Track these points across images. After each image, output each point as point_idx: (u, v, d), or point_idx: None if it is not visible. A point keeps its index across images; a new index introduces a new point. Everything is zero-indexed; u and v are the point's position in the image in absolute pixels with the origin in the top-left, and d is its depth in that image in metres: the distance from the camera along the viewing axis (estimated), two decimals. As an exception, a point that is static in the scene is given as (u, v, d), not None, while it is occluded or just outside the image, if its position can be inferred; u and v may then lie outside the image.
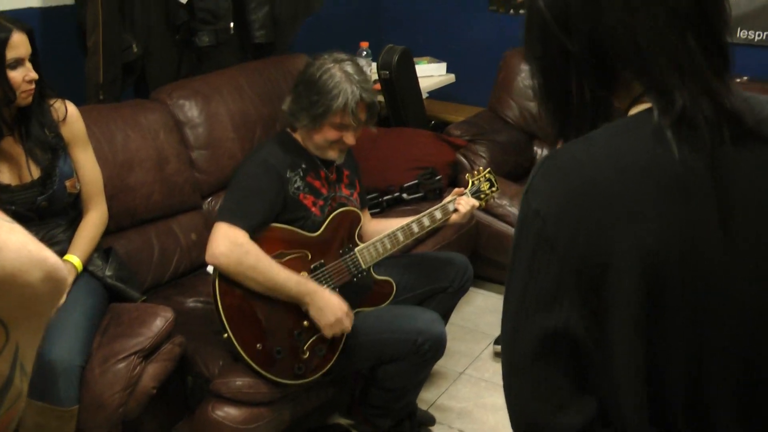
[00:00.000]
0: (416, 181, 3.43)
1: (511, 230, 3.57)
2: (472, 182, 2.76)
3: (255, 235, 2.31)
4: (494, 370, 3.22)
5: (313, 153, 2.51)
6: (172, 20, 3.10)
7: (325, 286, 2.42)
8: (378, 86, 3.75)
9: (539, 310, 0.93)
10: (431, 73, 4.12)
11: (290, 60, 3.46)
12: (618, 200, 0.90)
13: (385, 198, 3.37)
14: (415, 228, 2.59)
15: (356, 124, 2.44)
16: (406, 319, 2.50)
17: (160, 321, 2.22)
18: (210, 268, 2.87)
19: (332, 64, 2.45)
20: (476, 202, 2.69)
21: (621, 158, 0.92)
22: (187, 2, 3.09)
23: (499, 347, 3.26)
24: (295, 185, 2.43)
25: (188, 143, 2.93)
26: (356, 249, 2.52)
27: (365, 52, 3.86)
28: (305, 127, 2.46)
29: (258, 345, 2.30)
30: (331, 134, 2.44)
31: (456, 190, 2.71)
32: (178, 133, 2.90)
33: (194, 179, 2.93)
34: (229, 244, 2.23)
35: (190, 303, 2.68)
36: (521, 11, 4.46)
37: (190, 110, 2.95)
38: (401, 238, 2.57)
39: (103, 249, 2.43)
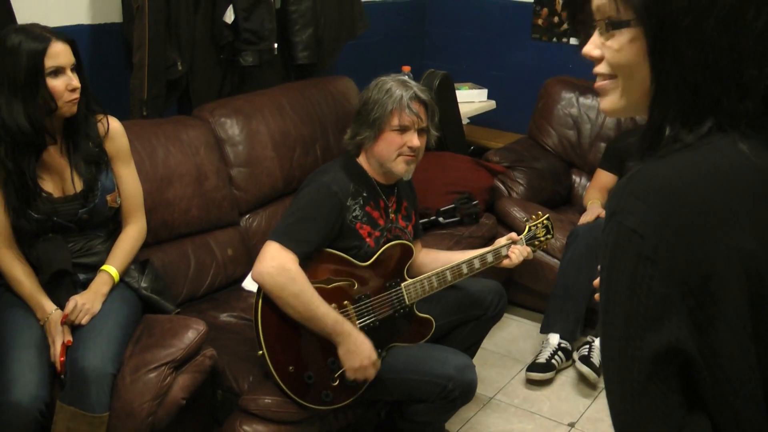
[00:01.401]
0: (453, 205, 3.44)
1: (546, 258, 3.55)
2: (529, 228, 2.74)
3: (305, 259, 2.32)
4: (524, 397, 3.20)
5: (380, 175, 2.51)
6: (216, 40, 3.16)
7: (366, 318, 2.42)
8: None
9: (648, 328, 0.91)
10: (472, 99, 4.14)
11: (332, 82, 3.51)
12: (712, 209, 0.91)
13: (421, 221, 3.37)
14: (465, 269, 2.57)
15: (416, 121, 2.43)
16: (437, 362, 2.47)
17: (192, 333, 2.24)
18: (246, 284, 2.92)
19: (387, 79, 2.50)
20: (529, 251, 2.66)
21: (704, 170, 0.93)
22: (233, 22, 3.15)
23: (531, 374, 3.24)
24: (354, 213, 2.43)
25: (228, 160, 2.98)
26: (403, 284, 2.50)
27: (407, 76, 3.89)
28: (368, 140, 2.46)
29: (290, 367, 2.31)
30: (394, 140, 2.43)
31: (511, 235, 2.68)
32: (218, 150, 2.95)
33: (232, 196, 2.97)
34: (278, 267, 2.24)
35: (224, 317, 2.71)
36: (564, 39, 4.47)
37: (231, 128, 3.00)
38: (449, 277, 2.55)
39: (140, 261, 2.47)
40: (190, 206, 2.78)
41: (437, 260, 2.66)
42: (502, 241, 2.65)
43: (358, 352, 2.32)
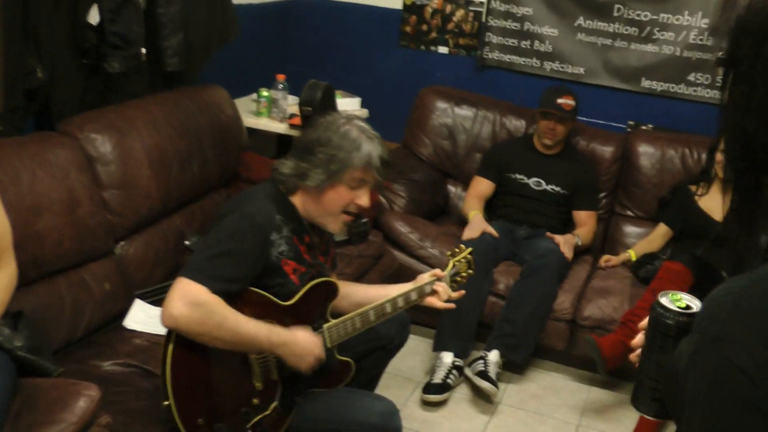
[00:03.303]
0: (341, 224, 3.26)
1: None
2: (453, 264, 2.58)
3: (224, 299, 2.03)
4: (423, 419, 3.09)
5: (309, 220, 2.27)
6: (79, 43, 2.79)
7: (287, 364, 2.19)
8: (297, 121, 3.55)
9: None
10: (345, 108, 3.96)
11: (205, 92, 3.22)
12: None
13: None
14: (389, 308, 2.37)
15: (377, 180, 2.24)
16: (361, 410, 2.28)
17: (84, 402, 1.89)
18: (128, 322, 2.59)
19: (344, 120, 2.25)
20: (450, 291, 2.49)
21: None
22: (98, 24, 2.79)
23: (429, 396, 3.14)
24: (279, 249, 2.16)
25: (100, 182, 2.62)
26: (325, 326, 2.27)
27: (281, 85, 3.66)
28: (316, 187, 2.19)
29: (199, 420, 2.04)
30: (345, 195, 2.20)
31: (435, 271, 2.49)
32: (89, 170, 2.58)
33: (107, 222, 2.62)
34: (189, 303, 1.95)
35: (109, 366, 2.36)
36: (432, 48, 4.40)
37: (103, 145, 2.64)
38: (373, 318, 2.33)
39: (11, 314, 2.05)
40: (62, 238, 2.40)
41: (353, 295, 2.46)
42: (425, 277, 2.48)
43: (306, 350, 2.14)
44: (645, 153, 3.86)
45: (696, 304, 1.19)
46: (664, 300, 1.20)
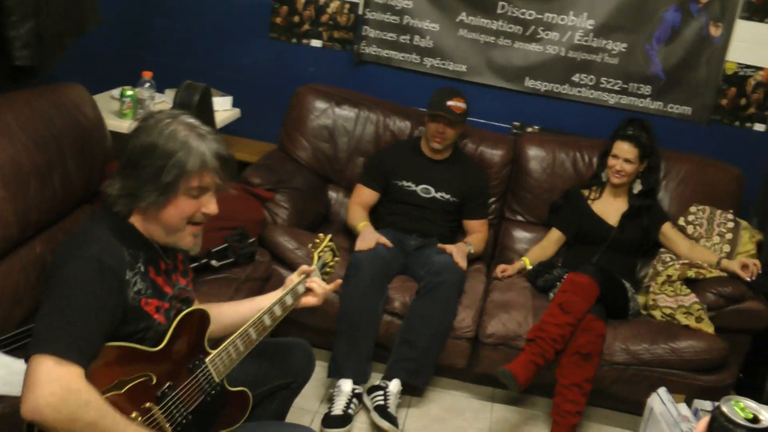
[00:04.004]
0: (225, 245, 2.88)
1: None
2: (318, 256, 2.32)
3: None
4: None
5: (155, 241, 1.89)
6: None
7: (177, 416, 1.82)
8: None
9: None
10: (217, 108, 3.56)
11: (62, 91, 2.71)
12: None
13: (192, 265, 2.76)
14: (268, 321, 2.08)
15: (218, 183, 1.88)
16: None
17: None
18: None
19: (169, 120, 1.86)
20: (324, 284, 2.26)
21: None
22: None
23: (328, 430, 2.85)
24: (136, 289, 1.78)
25: (-61, 209, 2.11)
26: (207, 360, 1.92)
27: (148, 83, 3.20)
28: (151, 206, 1.82)
29: None
30: (187, 206, 1.84)
31: (302, 268, 2.23)
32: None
33: (-50, 260, 2.11)
34: (61, 391, 1.53)
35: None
36: (304, 41, 4.07)
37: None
38: (254, 336, 2.03)
39: None
40: None
41: (223, 316, 2.12)
42: (294, 278, 2.21)
43: None
44: (535, 157, 3.74)
45: (765, 416, 1.00)
46: (727, 410, 0.99)
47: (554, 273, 3.39)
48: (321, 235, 2.39)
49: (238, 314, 2.12)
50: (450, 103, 3.41)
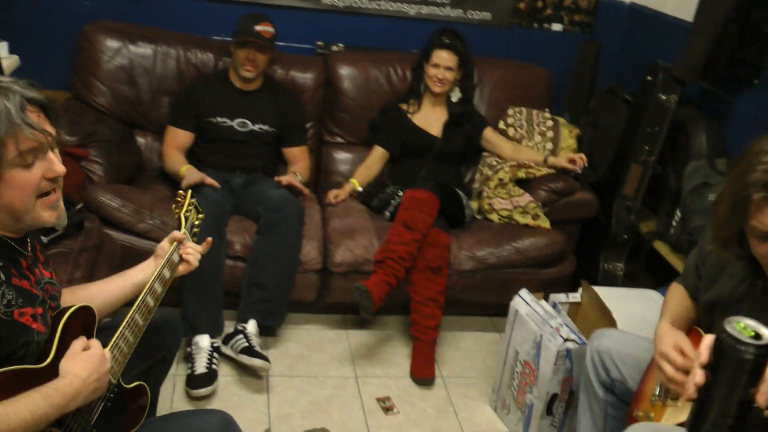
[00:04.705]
0: (49, 215, 2.54)
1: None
2: (185, 217, 2.11)
3: None
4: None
5: (9, 229, 1.60)
6: None
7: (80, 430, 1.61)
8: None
9: None
10: (-7, 58, 3.08)
11: None
12: None
13: (16, 246, 2.42)
14: (151, 302, 1.86)
15: (49, 137, 1.56)
16: None
17: None
18: None
19: None
20: (198, 248, 2.07)
21: None
22: None
23: (197, 391, 2.73)
24: (5, 302, 1.51)
25: None
26: None
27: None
28: None
29: None
30: (23, 180, 1.52)
31: (173, 234, 2.00)
32: None
33: None
34: None
35: None
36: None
37: None
38: (141, 322, 1.80)
39: None
40: None
41: (94, 299, 1.85)
42: (165, 246, 1.98)
43: (92, 376, 1.57)
44: (348, 76, 3.66)
45: (765, 332, 1.05)
46: (732, 331, 1.04)
47: (387, 191, 3.39)
48: (181, 192, 2.15)
49: (110, 295, 1.90)
50: (258, 27, 3.22)
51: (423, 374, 3.05)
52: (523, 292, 2.84)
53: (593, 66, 3.87)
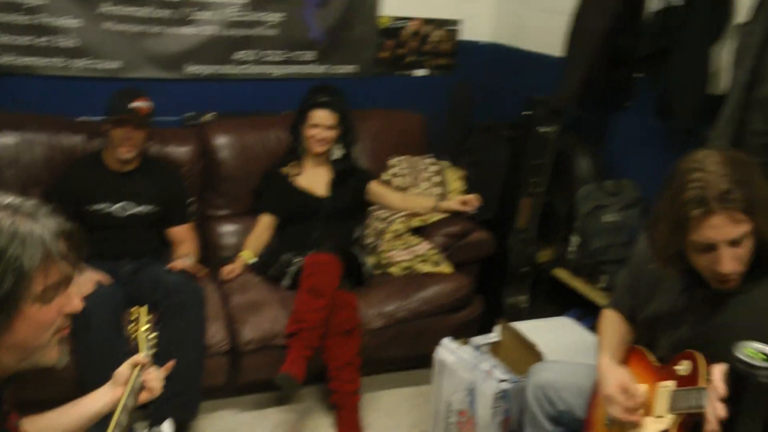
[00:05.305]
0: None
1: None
2: (147, 338, 1.91)
3: None
4: None
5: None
6: None
7: None
8: None
9: None
10: None
11: None
12: None
13: None
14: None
15: (71, 274, 1.39)
16: None
17: None
18: None
19: None
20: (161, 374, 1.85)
21: None
22: None
23: None
24: None
25: None
26: None
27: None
28: None
29: None
30: (44, 316, 1.33)
31: (134, 359, 1.78)
32: None
33: None
34: None
35: None
36: None
37: None
38: None
39: None
40: None
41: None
42: (125, 371, 1.78)
43: None
44: (224, 145, 3.52)
45: None
46: (744, 358, 1.03)
47: (282, 259, 3.26)
48: (136, 308, 1.95)
49: (65, 429, 1.67)
50: (134, 104, 3.04)
51: (353, 442, 2.92)
52: (446, 341, 2.79)
53: (467, 106, 3.94)
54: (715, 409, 1.09)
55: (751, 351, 1.07)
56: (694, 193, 1.69)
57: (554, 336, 2.81)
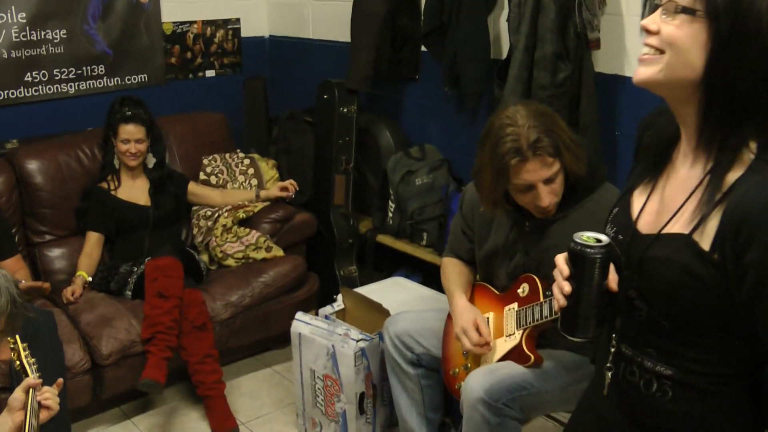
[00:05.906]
0: None
1: None
2: (27, 363, 2.00)
3: None
4: None
5: None
6: None
7: None
8: None
9: None
10: None
11: None
12: None
13: None
14: None
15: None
16: None
17: None
18: None
19: None
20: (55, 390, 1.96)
21: None
22: None
23: None
24: None
25: None
26: None
27: None
28: None
29: None
30: None
31: (27, 381, 1.89)
32: None
33: None
34: None
35: None
36: None
37: None
38: None
39: None
40: None
41: None
42: (19, 396, 1.87)
43: None
44: (38, 170, 3.46)
45: (602, 237, 1.36)
46: (580, 241, 1.34)
47: (121, 271, 3.33)
48: (10, 339, 1.98)
49: None
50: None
51: (227, 426, 3.08)
52: (299, 315, 3.01)
53: (264, 99, 4.15)
54: (561, 287, 1.37)
55: (585, 237, 1.36)
56: (510, 145, 2.05)
57: (392, 294, 3.13)
